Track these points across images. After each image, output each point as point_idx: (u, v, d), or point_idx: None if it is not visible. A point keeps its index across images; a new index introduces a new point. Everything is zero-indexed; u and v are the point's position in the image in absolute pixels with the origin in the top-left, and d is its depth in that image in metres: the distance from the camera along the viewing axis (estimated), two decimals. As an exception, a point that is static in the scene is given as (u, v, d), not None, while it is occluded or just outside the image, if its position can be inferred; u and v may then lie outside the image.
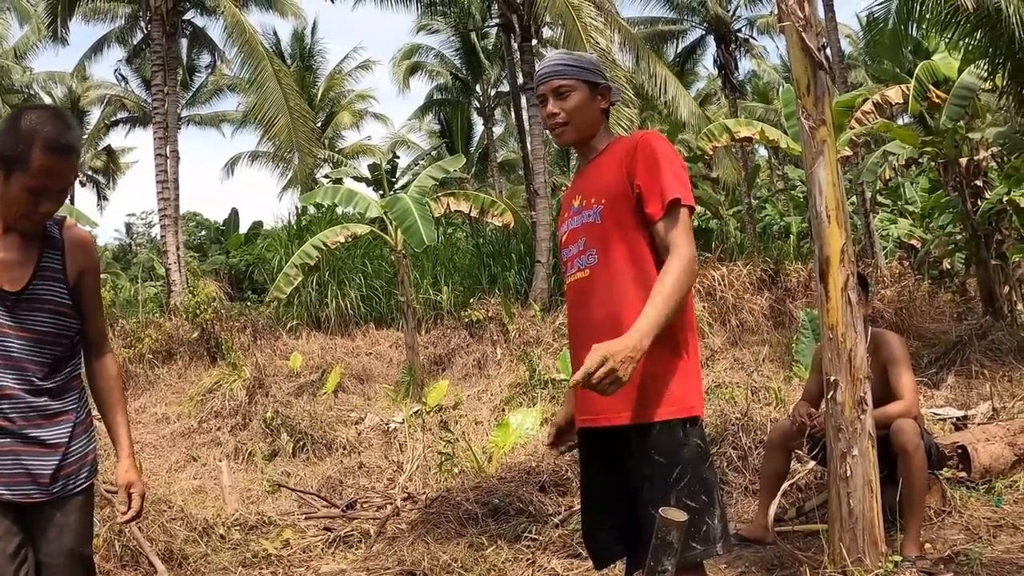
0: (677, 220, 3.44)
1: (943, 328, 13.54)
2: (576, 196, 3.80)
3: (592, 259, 3.60)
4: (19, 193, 3.17)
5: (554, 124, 3.75)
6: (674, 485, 3.36)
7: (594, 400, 3.47)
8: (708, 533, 3.36)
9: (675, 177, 3.49)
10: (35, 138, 3.12)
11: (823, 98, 5.13)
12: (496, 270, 22.87)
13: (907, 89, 15.81)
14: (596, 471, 3.72)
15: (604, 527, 3.68)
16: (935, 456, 5.87)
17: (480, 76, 40.43)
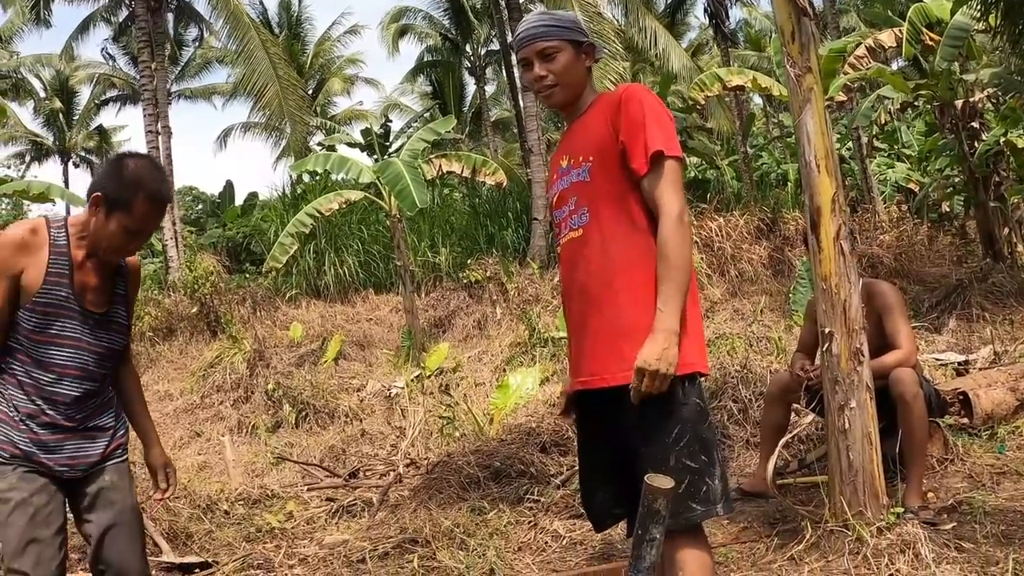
0: (661, 174, 3.40)
1: (943, 272, 13.50)
2: (564, 156, 3.75)
3: (584, 218, 3.56)
4: (118, 231, 3.53)
5: (542, 87, 3.69)
6: (673, 445, 3.31)
7: (588, 361, 3.52)
8: (708, 494, 3.32)
9: (660, 128, 3.44)
10: (140, 187, 3.50)
11: (808, 45, 5.05)
12: (493, 229, 22.83)
13: (900, 32, 15.66)
14: (592, 433, 3.68)
15: (602, 490, 3.64)
16: (936, 403, 5.83)
17: (470, 36, 40.21)
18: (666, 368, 3.19)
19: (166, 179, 3.68)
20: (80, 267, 3.61)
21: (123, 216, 3.49)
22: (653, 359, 3.18)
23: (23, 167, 47.04)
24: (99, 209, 3.52)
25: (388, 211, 16.37)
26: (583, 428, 3.77)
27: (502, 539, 5.97)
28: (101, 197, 3.51)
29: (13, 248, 3.54)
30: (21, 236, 3.56)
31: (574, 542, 5.83)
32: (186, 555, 6.40)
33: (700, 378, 3.48)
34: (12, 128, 43.19)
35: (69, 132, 46.05)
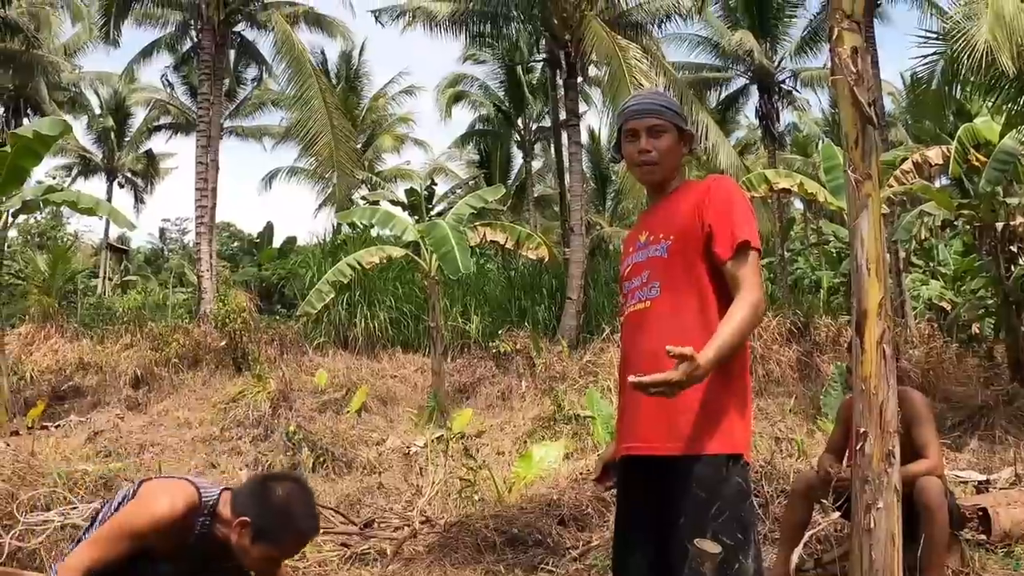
0: (746, 261, 3.56)
1: (969, 392, 13.49)
2: (643, 232, 3.88)
3: (654, 291, 3.68)
4: (260, 559, 3.48)
5: (645, 161, 3.80)
6: (711, 521, 3.39)
7: (643, 428, 3.62)
8: (740, 571, 3.39)
9: (745, 220, 3.61)
10: (292, 523, 3.46)
11: (870, 152, 5.15)
12: (526, 303, 22.92)
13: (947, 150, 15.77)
14: (634, 500, 3.75)
15: (636, 558, 3.69)
16: (956, 517, 5.86)
17: (523, 109, 40.50)
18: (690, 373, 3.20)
19: (315, 508, 3.61)
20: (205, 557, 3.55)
21: (270, 548, 3.45)
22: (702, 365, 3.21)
23: (68, 180, 47.51)
24: (244, 533, 3.45)
25: (427, 272, 16.49)
26: (625, 494, 3.82)
27: (515, 603, 6.01)
28: (248, 523, 3.44)
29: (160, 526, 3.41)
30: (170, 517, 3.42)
31: (586, 615, 5.86)
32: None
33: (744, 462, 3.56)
34: (63, 140, 43.70)
35: (118, 152, 46.54)
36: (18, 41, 34.87)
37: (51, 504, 6.87)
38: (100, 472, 7.84)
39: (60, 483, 7.17)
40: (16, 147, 14.23)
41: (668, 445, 3.51)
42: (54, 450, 11.65)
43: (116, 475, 7.90)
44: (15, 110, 37.60)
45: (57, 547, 6.45)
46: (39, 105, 36.45)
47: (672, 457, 3.50)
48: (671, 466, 3.50)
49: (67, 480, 7.28)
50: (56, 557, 6.38)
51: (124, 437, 13.83)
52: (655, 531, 3.59)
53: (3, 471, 7.28)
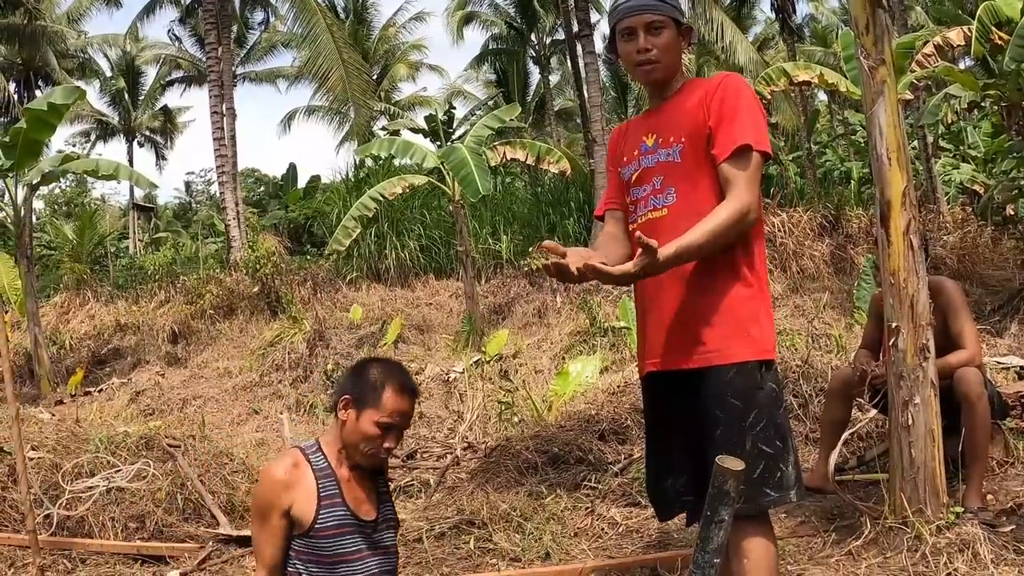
0: (742, 164, 3.41)
1: (1006, 275, 13.35)
2: (649, 134, 3.70)
3: (671, 198, 3.54)
4: (370, 427, 3.49)
5: (645, 60, 3.61)
6: (749, 430, 3.34)
7: (668, 342, 3.51)
8: (782, 479, 3.36)
9: (750, 122, 3.46)
10: (386, 381, 3.53)
11: (882, 37, 5.03)
12: (555, 219, 22.78)
13: (968, 31, 15.42)
14: (665, 417, 3.65)
15: (671, 476, 3.63)
16: (998, 406, 5.77)
17: (535, 24, 40.12)
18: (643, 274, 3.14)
19: (410, 375, 3.70)
20: (347, 483, 3.61)
21: (373, 412, 3.50)
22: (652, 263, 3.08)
23: (88, 145, 47.67)
24: (348, 411, 3.55)
25: (451, 197, 16.42)
26: (655, 411, 3.74)
27: (558, 524, 6.01)
28: (349, 399, 3.55)
29: (279, 487, 3.53)
30: (284, 475, 3.55)
31: (630, 530, 5.85)
32: (243, 528, 6.49)
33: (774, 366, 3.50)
34: (78, 107, 43.72)
35: (134, 112, 46.58)
36: (19, 15, 34.78)
37: (95, 470, 6.90)
38: (141, 432, 7.87)
39: (102, 448, 7.19)
40: (30, 121, 14.20)
41: (697, 358, 3.42)
42: (98, 415, 11.72)
43: (157, 433, 7.93)
44: (26, 82, 37.59)
45: (104, 511, 6.49)
46: (49, 75, 36.46)
47: (702, 369, 3.41)
48: (702, 379, 3.41)
49: (109, 444, 7.30)
50: (103, 522, 6.43)
51: (166, 394, 13.95)
52: (689, 447, 3.51)
53: (47, 442, 7.33)
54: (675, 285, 3.47)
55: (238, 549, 6.23)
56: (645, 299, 3.66)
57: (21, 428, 5.70)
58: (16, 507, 6.42)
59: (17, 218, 16.19)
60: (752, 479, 3.28)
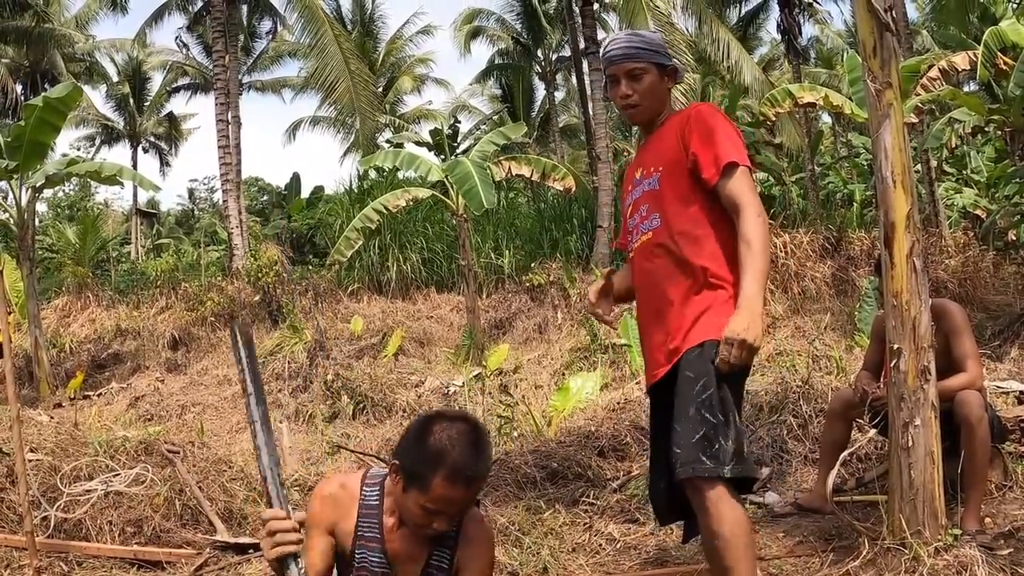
0: (735, 178, 3.73)
1: (1007, 300, 13.36)
2: (638, 168, 4.11)
3: (655, 222, 3.90)
4: (415, 508, 3.08)
5: (627, 105, 4.01)
6: (696, 396, 3.58)
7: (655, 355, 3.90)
8: (719, 452, 3.53)
9: (728, 142, 3.77)
10: (441, 463, 3.02)
11: (889, 61, 5.04)
12: (557, 235, 22.84)
13: (974, 55, 15.48)
14: (660, 425, 3.89)
15: (663, 480, 3.87)
16: (997, 429, 5.77)
17: (541, 41, 40.24)
18: (752, 339, 3.47)
19: (480, 453, 3.12)
20: (392, 532, 3.27)
21: (419, 494, 3.04)
22: (741, 330, 3.48)
23: (93, 150, 47.73)
24: (398, 480, 3.14)
25: (455, 210, 16.46)
26: (655, 420, 4.04)
27: (557, 539, 6.00)
28: (398, 466, 3.14)
29: (321, 503, 3.30)
30: (329, 492, 3.31)
31: (628, 546, 5.85)
32: (240, 536, 6.49)
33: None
34: (84, 111, 43.79)
35: (139, 117, 46.62)
36: (28, 17, 34.85)
37: (93, 473, 6.91)
38: (140, 437, 7.88)
39: (101, 451, 7.20)
40: (32, 120, 14.23)
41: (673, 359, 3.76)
42: (96, 419, 11.74)
43: (156, 438, 7.94)
44: (32, 85, 37.66)
45: (102, 515, 6.49)
46: (56, 78, 36.47)
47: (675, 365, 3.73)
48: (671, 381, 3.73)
49: (108, 448, 7.31)
50: (100, 526, 6.43)
51: (165, 400, 13.96)
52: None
53: (46, 444, 7.33)
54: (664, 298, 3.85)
55: (235, 556, 6.22)
56: (642, 317, 4.03)
57: (21, 430, 5.70)
58: (14, 508, 6.42)
59: (20, 220, 16.20)
60: (691, 443, 3.53)
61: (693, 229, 3.81)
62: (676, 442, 3.59)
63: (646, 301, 3.99)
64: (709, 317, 3.70)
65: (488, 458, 3.20)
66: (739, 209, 3.70)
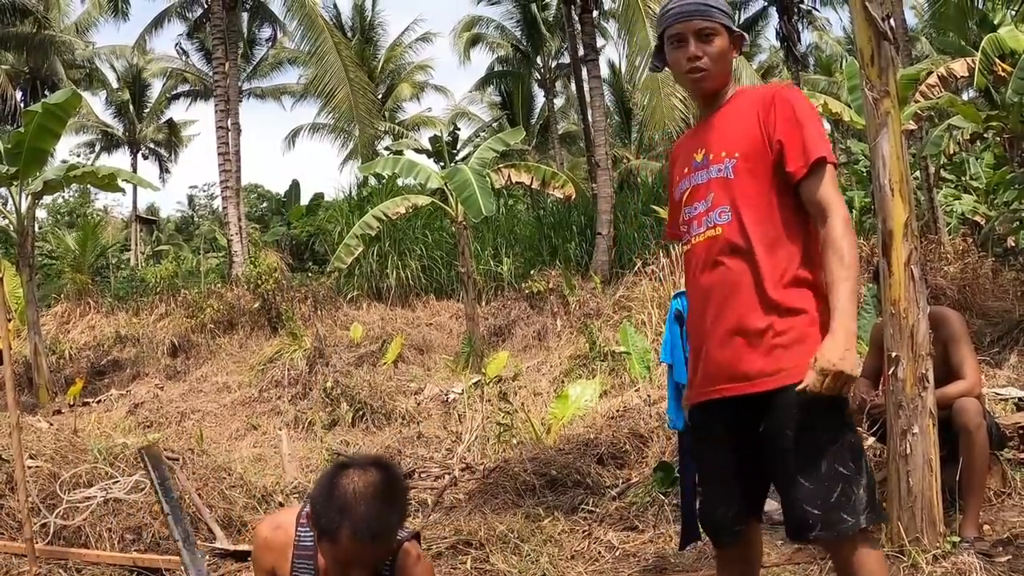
0: (824, 178, 3.30)
1: (1006, 307, 13.34)
2: (699, 149, 3.57)
3: (726, 216, 3.40)
4: (328, 558, 3.06)
5: (695, 68, 3.47)
6: (824, 448, 3.19)
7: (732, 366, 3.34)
8: (855, 504, 3.17)
9: (817, 133, 3.34)
10: (345, 516, 2.93)
11: (887, 69, 5.06)
12: (557, 242, 22.84)
13: (972, 62, 15.48)
14: (721, 443, 3.48)
15: (726, 503, 3.47)
16: (996, 436, 5.76)
17: (541, 48, 40.29)
18: (850, 369, 3.06)
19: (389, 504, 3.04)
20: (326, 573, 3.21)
21: (329, 545, 2.99)
22: (837, 359, 3.05)
23: (92, 156, 47.77)
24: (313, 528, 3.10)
25: (454, 218, 16.48)
26: (710, 436, 3.54)
27: (556, 546, 6.01)
28: (311, 516, 3.09)
29: (260, 546, 3.32)
30: (265, 535, 3.30)
31: (627, 554, 5.85)
32: (239, 543, 6.50)
33: None
34: (84, 117, 43.81)
35: (139, 124, 46.64)
36: (28, 23, 34.91)
37: (93, 480, 6.91)
38: (140, 444, 7.88)
39: (100, 459, 7.21)
40: (32, 127, 14.26)
41: (766, 380, 3.25)
42: (96, 425, 11.75)
43: (155, 445, 7.94)
44: (32, 91, 37.70)
45: (101, 522, 6.50)
46: (56, 84, 36.48)
47: (769, 392, 3.25)
48: (769, 401, 3.25)
49: (107, 455, 7.32)
50: (100, 533, 6.44)
51: (164, 406, 13.95)
52: (741, 475, 3.43)
53: (45, 451, 7.34)
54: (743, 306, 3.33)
55: (234, 563, 6.24)
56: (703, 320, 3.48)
57: (21, 436, 5.71)
58: (13, 515, 6.42)
59: (20, 227, 16.22)
60: (829, 503, 3.16)
61: (772, 230, 3.34)
62: (807, 499, 3.19)
63: (710, 305, 3.43)
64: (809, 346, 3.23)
65: (399, 507, 3.13)
66: (827, 214, 3.27)
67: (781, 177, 3.35)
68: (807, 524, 3.20)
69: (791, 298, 3.28)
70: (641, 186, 27.39)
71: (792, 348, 3.23)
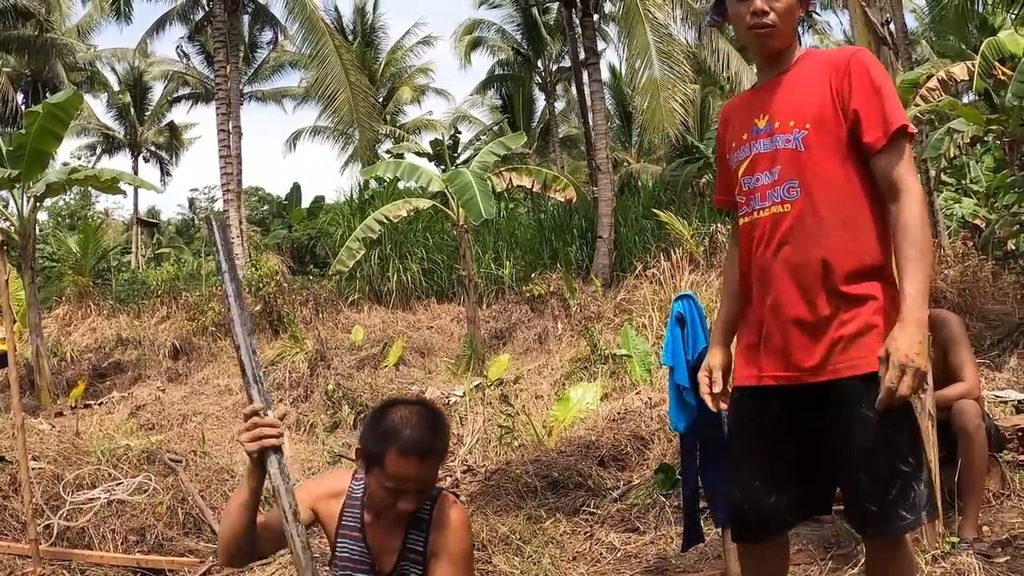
0: (903, 153, 3.10)
1: (1006, 310, 13.35)
2: (761, 115, 3.34)
3: (795, 193, 3.18)
4: (378, 488, 3.16)
5: (761, 24, 3.24)
6: (885, 443, 3.04)
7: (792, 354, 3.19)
8: (915, 501, 3.04)
9: (895, 101, 3.14)
10: (390, 440, 3.09)
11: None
12: (557, 245, 22.85)
13: (972, 65, 15.51)
14: (777, 430, 3.27)
15: (775, 494, 3.25)
16: (995, 438, 5.79)
17: (542, 51, 40.31)
18: (925, 364, 2.87)
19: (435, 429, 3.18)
20: (371, 524, 3.31)
21: (378, 472, 3.12)
22: (914, 354, 2.84)
23: (94, 159, 47.78)
24: (361, 464, 3.25)
25: (455, 221, 16.50)
26: (765, 424, 3.31)
27: (557, 548, 6.04)
28: (360, 451, 3.24)
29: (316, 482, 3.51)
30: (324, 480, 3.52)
31: (629, 555, 5.88)
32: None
33: None
34: (85, 120, 43.82)
35: (140, 127, 46.66)
36: (30, 26, 34.96)
37: (96, 482, 6.95)
38: (142, 446, 7.92)
39: (103, 460, 7.24)
40: (34, 129, 14.28)
41: (826, 371, 3.10)
42: (98, 428, 11.78)
43: (158, 447, 7.98)
44: (34, 94, 37.74)
45: (105, 523, 6.53)
46: (57, 87, 36.47)
47: (829, 383, 3.10)
48: (830, 389, 3.10)
49: (110, 457, 7.35)
50: (104, 534, 6.47)
51: (166, 409, 13.97)
52: (798, 465, 3.25)
53: (48, 453, 7.38)
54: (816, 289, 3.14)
55: (238, 564, 6.26)
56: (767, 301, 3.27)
57: (25, 438, 5.74)
58: (17, 516, 6.46)
59: (22, 229, 16.25)
60: (887, 500, 3.03)
61: (846, 211, 3.14)
62: (868, 497, 3.07)
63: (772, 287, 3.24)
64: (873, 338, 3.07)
65: (443, 434, 3.25)
66: (900, 192, 3.06)
67: (856, 151, 3.17)
68: (865, 520, 3.11)
69: (860, 286, 3.12)
70: (642, 189, 27.42)
71: (857, 339, 3.09)
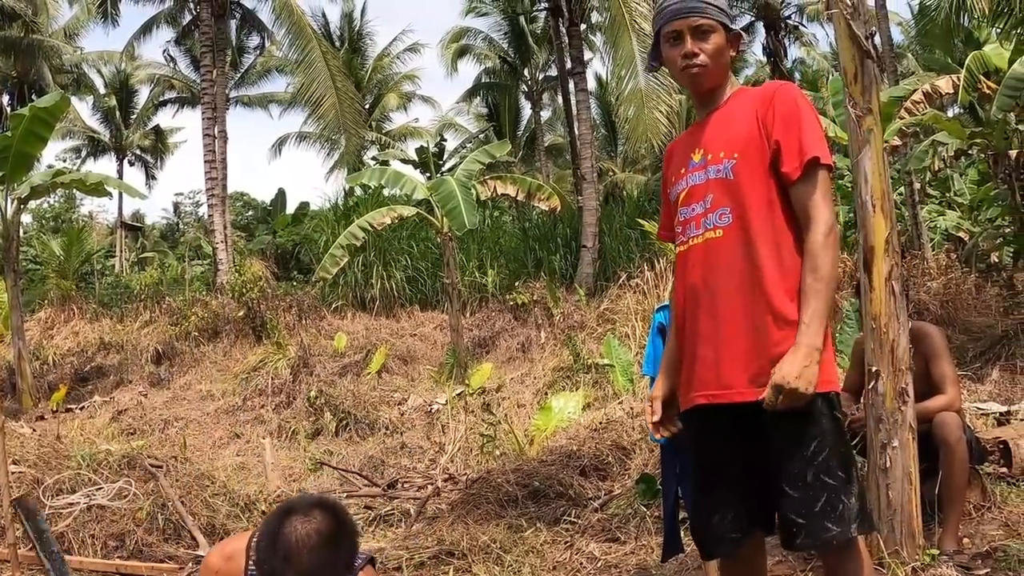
0: (815, 183, 3.26)
1: (989, 322, 13.39)
2: (697, 149, 3.50)
3: (726, 219, 3.34)
4: None
5: (691, 65, 3.42)
6: (811, 460, 3.16)
7: (726, 373, 3.31)
8: (844, 512, 3.16)
9: (815, 133, 3.28)
10: (289, 566, 2.87)
11: (870, 87, 5.10)
12: (542, 254, 22.87)
13: (957, 79, 15.57)
14: (716, 450, 3.44)
15: (721, 512, 3.41)
16: (976, 450, 5.80)
17: (528, 60, 40.35)
18: (805, 387, 3.05)
19: (336, 551, 2.95)
20: None
21: None
22: (792, 377, 3.05)
23: (79, 162, 47.61)
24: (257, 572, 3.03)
25: (439, 229, 16.51)
26: (704, 444, 3.51)
27: (538, 557, 6.03)
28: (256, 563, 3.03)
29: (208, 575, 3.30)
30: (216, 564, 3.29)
31: (609, 565, 5.87)
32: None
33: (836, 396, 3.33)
34: (70, 123, 43.70)
35: (126, 130, 46.53)
36: (16, 27, 34.87)
37: (76, 487, 6.93)
38: (123, 451, 7.90)
39: (84, 465, 7.22)
40: (19, 131, 14.24)
41: (758, 389, 3.19)
42: (79, 432, 11.75)
43: (139, 453, 7.96)
44: (19, 96, 37.62)
45: (84, 528, 6.51)
46: (44, 89, 36.39)
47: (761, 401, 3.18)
48: (760, 409, 3.19)
49: (91, 461, 7.33)
50: (83, 539, 6.45)
51: (148, 414, 13.93)
52: (742, 480, 3.38)
53: (29, 456, 7.35)
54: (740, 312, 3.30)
55: (217, 571, 6.23)
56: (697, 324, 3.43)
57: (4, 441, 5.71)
58: (-4, 521, 6.44)
59: (6, 231, 16.18)
60: (813, 513, 3.15)
61: (774, 234, 3.29)
62: (793, 510, 3.19)
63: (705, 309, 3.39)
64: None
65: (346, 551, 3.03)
66: (811, 221, 3.24)
67: (779, 179, 3.32)
68: (791, 532, 3.21)
69: (790, 307, 3.23)
70: (626, 199, 27.45)
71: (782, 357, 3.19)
